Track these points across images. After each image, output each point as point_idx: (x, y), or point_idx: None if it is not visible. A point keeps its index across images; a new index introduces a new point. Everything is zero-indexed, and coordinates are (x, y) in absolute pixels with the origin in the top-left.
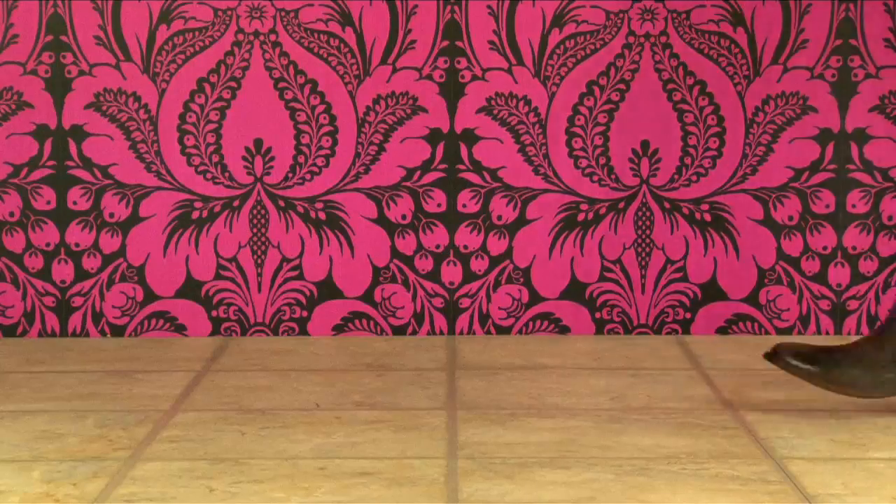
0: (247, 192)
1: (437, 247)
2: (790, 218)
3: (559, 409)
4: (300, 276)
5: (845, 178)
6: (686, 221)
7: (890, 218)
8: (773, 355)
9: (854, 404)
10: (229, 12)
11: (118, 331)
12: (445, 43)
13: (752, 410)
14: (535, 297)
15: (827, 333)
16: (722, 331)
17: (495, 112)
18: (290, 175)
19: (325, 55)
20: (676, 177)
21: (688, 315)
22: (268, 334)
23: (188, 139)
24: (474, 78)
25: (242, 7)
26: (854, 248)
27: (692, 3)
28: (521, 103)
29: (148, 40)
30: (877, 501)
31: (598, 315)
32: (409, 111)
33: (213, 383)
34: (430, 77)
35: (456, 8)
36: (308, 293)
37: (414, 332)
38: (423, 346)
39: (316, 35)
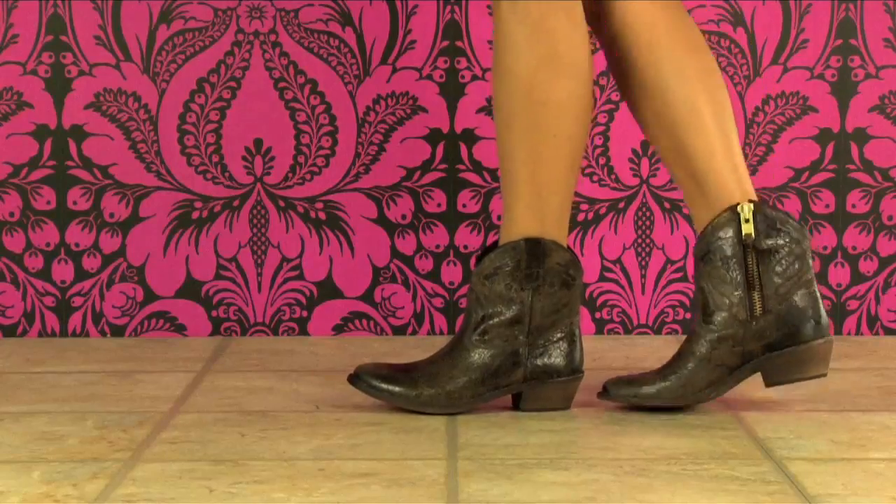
0: (247, 192)
1: (437, 247)
2: None
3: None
4: (300, 276)
5: (845, 178)
6: (686, 221)
7: (890, 218)
8: (354, 378)
9: (854, 404)
10: (229, 12)
11: (118, 331)
12: (445, 43)
13: (752, 410)
14: None
15: None
16: None
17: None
18: (290, 175)
19: (324, 55)
20: None
21: (688, 315)
22: (268, 334)
23: (188, 139)
24: (474, 78)
25: (242, 7)
26: (854, 248)
27: (692, 4)
28: None
29: (148, 40)
30: (877, 501)
31: (598, 315)
32: (409, 111)
33: (212, 384)
34: (430, 77)
35: (456, 8)
36: (308, 293)
37: (414, 332)
38: (423, 346)
39: (316, 35)
